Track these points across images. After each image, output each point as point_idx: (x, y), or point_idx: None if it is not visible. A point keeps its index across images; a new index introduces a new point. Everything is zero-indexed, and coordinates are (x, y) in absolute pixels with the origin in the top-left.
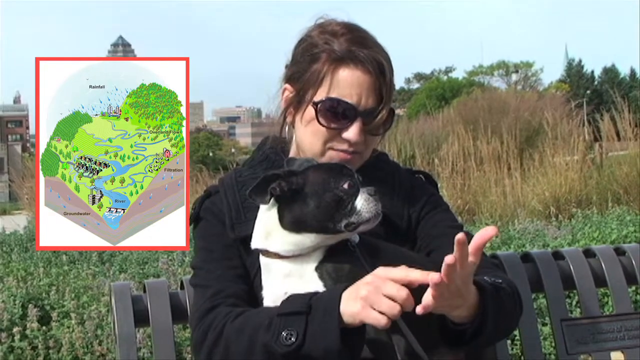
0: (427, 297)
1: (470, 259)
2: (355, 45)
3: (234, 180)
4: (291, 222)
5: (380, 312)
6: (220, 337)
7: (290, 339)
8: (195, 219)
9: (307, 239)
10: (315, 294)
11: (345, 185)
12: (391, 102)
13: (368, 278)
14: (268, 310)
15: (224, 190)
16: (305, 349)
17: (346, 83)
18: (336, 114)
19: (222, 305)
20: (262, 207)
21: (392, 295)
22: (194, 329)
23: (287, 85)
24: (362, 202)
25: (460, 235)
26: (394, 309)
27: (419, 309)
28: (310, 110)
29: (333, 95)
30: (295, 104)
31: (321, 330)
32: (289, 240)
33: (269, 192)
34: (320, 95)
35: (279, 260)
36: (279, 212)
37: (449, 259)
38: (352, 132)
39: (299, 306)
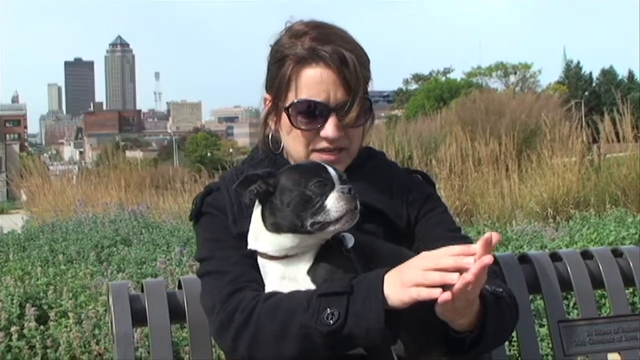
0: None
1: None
2: (317, 42)
3: (235, 177)
4: (270, 223)
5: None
6: (250, 319)
7: (331, 318)
8: (197, 214)
9: (286, 240)
10: (355, 276)
11: (315, 184)
12: (364, 92)
13: (411, 262)
14: (301, 293)
15: (226, 186)
16: (347, 328)
17: (312, 82)
18: (308, 114)
19: (247, 289)
20: (256, 207)
21: (434, 267)
22: (217, 312)
23: (266, 95)
24: (332, 201)
25: (487, 235)
26: (444, 276)
27: (445, 296)
28: (285, 117)
29: (302, 96)
30: (274, 111)
31: (364, 310)
32: (272, 241)
33: (248, 193)
34: (290, 100)
35: (272, 262)
36: (262, 212)
37: (487, 258)
38: (328, 129)
39: (340, 287)
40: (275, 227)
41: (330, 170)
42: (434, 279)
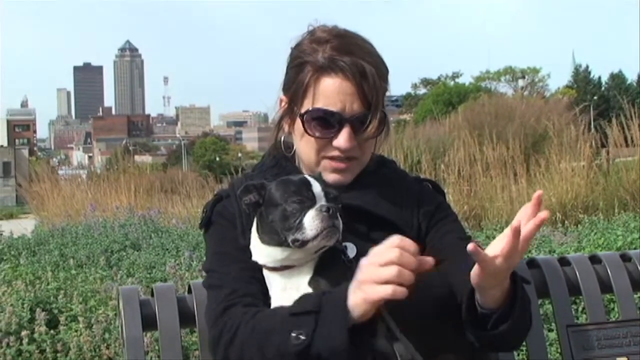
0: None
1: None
2: (339, 52)
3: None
4: (261, 235)
5: (386, 284)
6: (235, 336)
7: (299, 338)
8: (206, 223)
9: (276, 252)
10: (328, 292)
11: (295, 200)
12: (381, 105)
13: (363, 261)
14: (281, 309)
15: (235, 195)
16: (314, 348)
17: (329, 92)
18: (323, 123)
19: (239, 305)
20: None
21: (386, 261)
22: (210, 328)
23: (282, 96)
24: (309, 219)
25: (538, 193)
26: (392, 271)
27: (469, 247)
28: (300, 122)
29: (318, 105)
30: (289, 114)
31: (329, 330)
32: (265, 253)
33: (243, 203)
34: (306, 106)
35: (273, 273)
36: (256, 224)
37: (543, 214)
38: (341, 140)
39: (310, 305)
40: (264, 240)
41: (315, 187)
42: (390, 274)
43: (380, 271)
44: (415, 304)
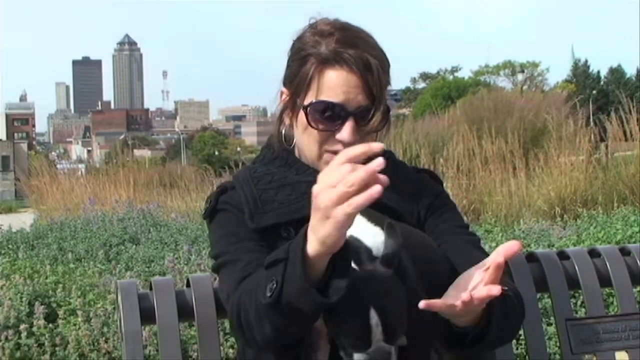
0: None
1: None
2: (342, 45)
3: (249, 175)
4: None
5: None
6: (240, 306)
7: (272, 289)
8: (211, 212)
9: None
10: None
11: (348, 339)
12: (383, 99)
13: (315, 188)
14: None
15: (240, 185)
16: (284, 296)
17: (333, 84)
18: (326, 115)
19: (254, 274)
20: None
21: (339, 179)
22: (227, 301)
23: (284, 89)
24: None
25: (499, 259)
26: (347, 183)
27: (421, 304)
28: (302, 115)
29: (321, 97)
30: (291, 107)
31: (293, 272)
32: None
33: None
34: (309, 99)
35: None
36: None
37: (495, 289)
38: (345, 132)
39: (281, 253)
40: None
41: (375, 332)
42: (342, 192)
43: (334, 191)
44: (419, 279)
